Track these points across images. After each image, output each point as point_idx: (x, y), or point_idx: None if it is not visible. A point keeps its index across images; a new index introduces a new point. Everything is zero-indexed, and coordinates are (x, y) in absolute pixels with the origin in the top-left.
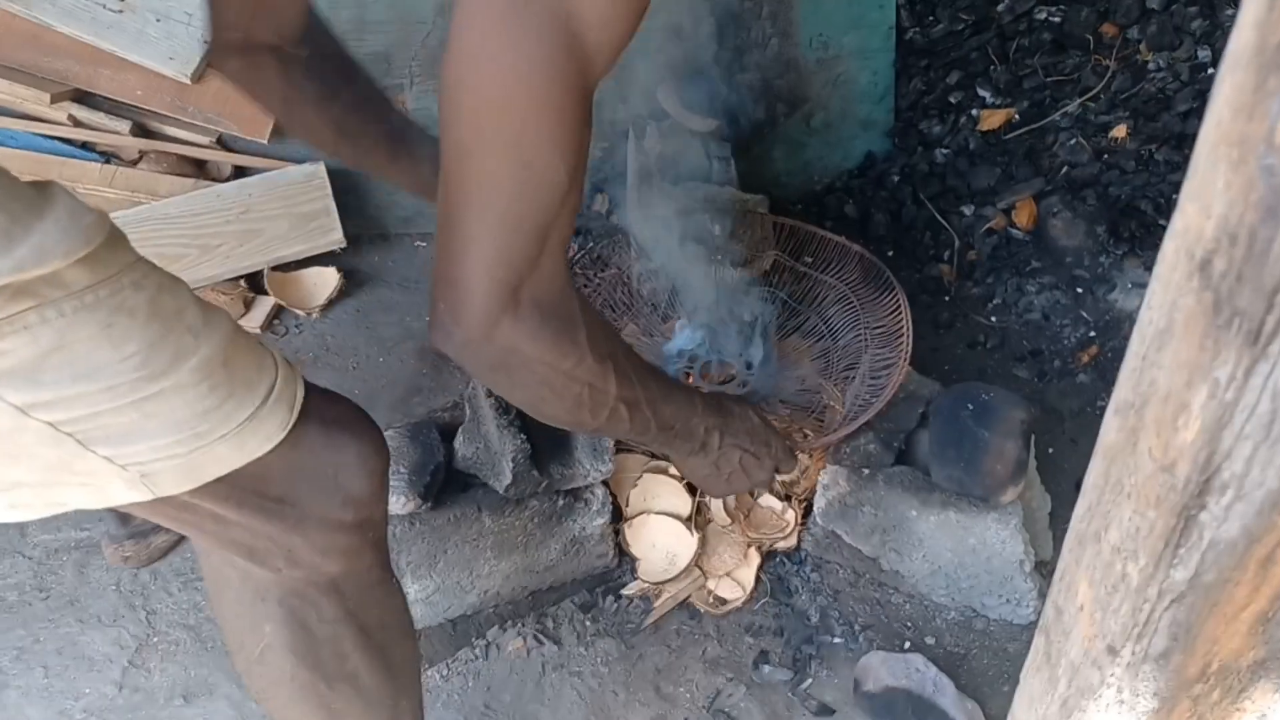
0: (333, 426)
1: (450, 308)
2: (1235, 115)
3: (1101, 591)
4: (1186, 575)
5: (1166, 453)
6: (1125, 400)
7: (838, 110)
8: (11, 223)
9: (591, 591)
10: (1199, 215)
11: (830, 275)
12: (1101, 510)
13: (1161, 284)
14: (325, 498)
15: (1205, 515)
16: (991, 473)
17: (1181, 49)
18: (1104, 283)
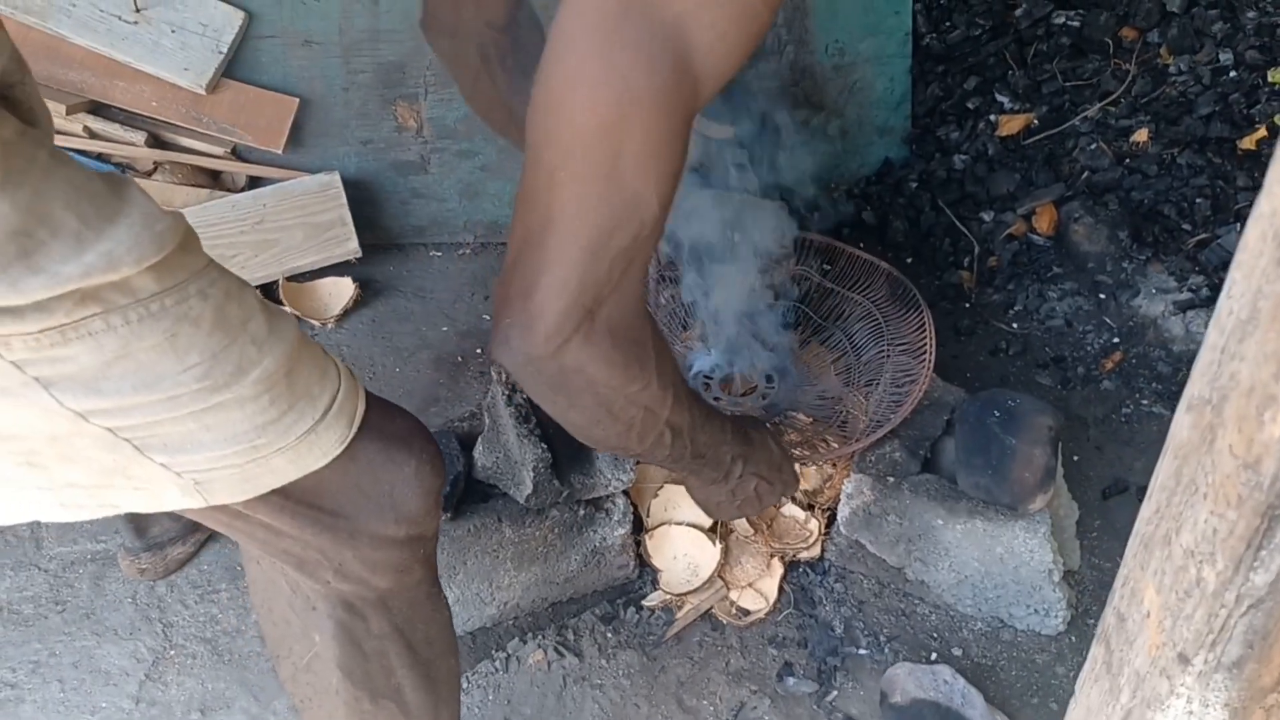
0: (391, 442)
1: (520, 324)
2: None
3: (1172, 597)
4: (1267, 579)
5: (1250, 449)
6: (1200, 396)
7: (855, 117)
8: (82, 225)
9: (613, 603)
10: None
11: (856, 291)
12: (1172, 512)
13: (1244, 272)
14: (379, 513)
15: None
16: (1019, 480)
17: (1203, 52)
18: (1127, 288)
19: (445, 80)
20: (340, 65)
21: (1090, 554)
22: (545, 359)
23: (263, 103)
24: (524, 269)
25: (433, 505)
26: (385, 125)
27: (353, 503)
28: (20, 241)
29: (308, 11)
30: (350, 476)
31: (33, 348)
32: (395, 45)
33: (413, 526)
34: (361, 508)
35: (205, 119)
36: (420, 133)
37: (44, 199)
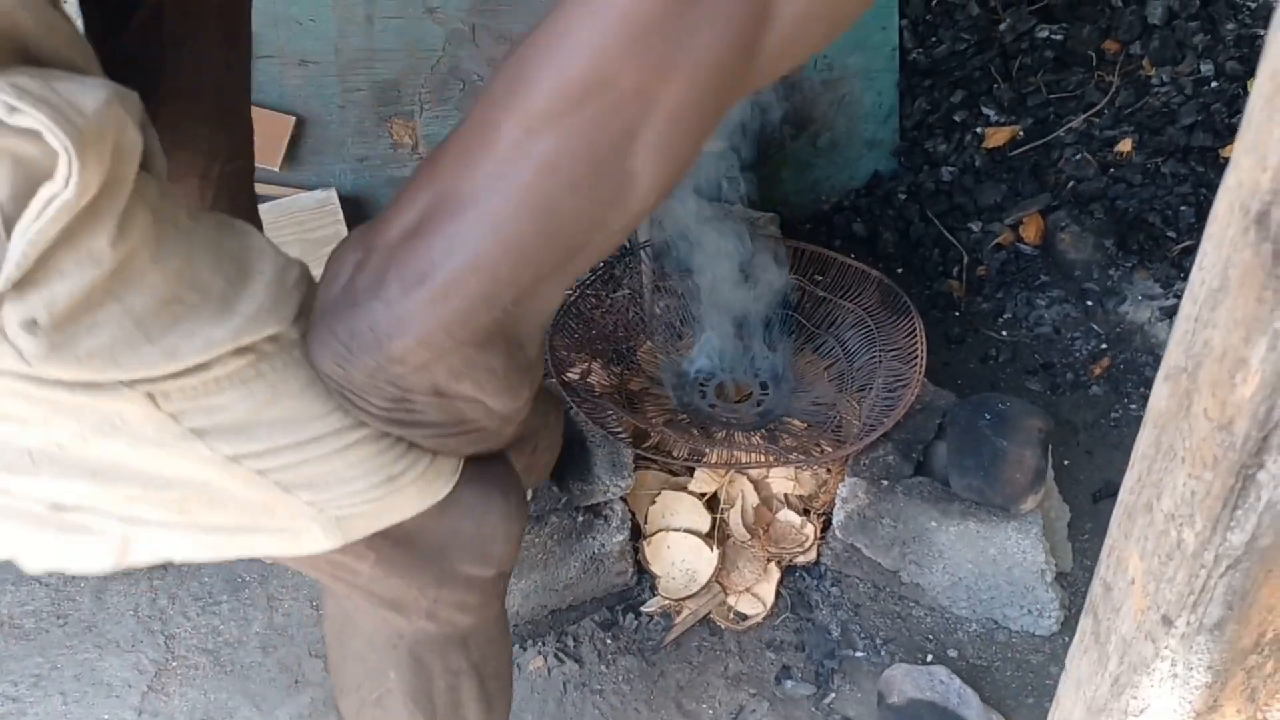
0: (487, 481)
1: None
2: None
3: (1155, 562)
4: (1243, 539)
5: (1224, 411)
6: (1176, 365)
7: (843, 130)
8: (227, 285)
9: (611, 609)
10: (1255, 169)
11: (848, 299)
12: (1153, 479)
13: (1214, 243)
14: (471, 554)
15: (1263, 475)
16: (1011, 481)
17: (1184, 63)
18: (1114, 295)
19: (440, 98)
20: (336, 84)
21: (1082, 556)
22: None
23: (260, 121)
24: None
25: (517, 546)
26: (381, 142)
27: (449, 543)
28: (173, 309)
29: (304, 32)
30: (450, 516)
31: (190, 396)
32: (390, 64)
33: (501, 565)
34: (456, 548)
35: None
36: (416, 149)
37: (193, 264)
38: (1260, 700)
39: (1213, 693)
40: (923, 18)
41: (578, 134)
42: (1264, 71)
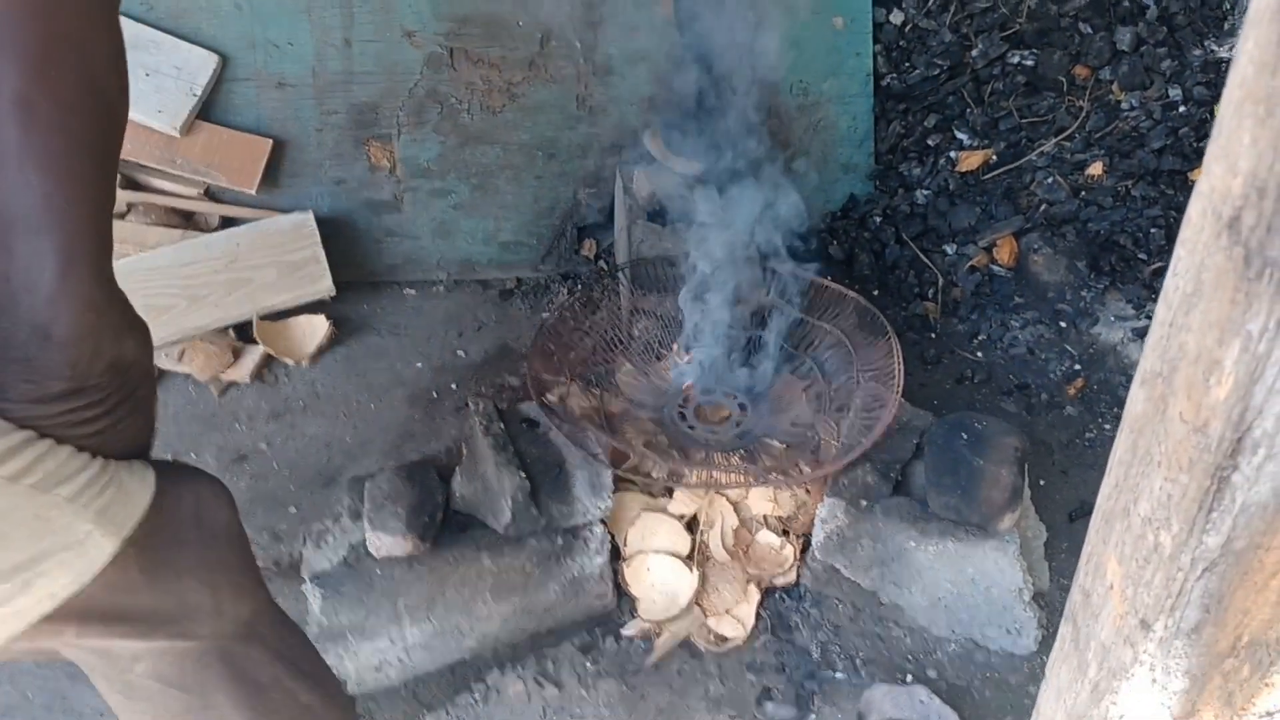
0: (175, 473)
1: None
2: (1260, 71)
3: (1133, 566)
4: (1219, 541)
5: (1199, 413)
6: (1152, 370)
7: (819, 154)
8: None
9: (591, 632)
10: (1226, 175)
11: (826, 320)
12: (1129, 484)
13: (1187, 249)
14: (206, 524)
15: (1237, 476)
16: (988, 499)
17: (1153, 88)
18: (1087, 316)
19: (418, 120)
20: (314, 107)
21: (1059, 575)
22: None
23: (236, 144)
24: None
25: (234, 509)
26: (358, 165)
27: (186, 523)
28: None
29: (281, 55)
30: (169, 499)
31: None
32: (368, 87)
33: (229, 529)
34: (192, 526)
35: (179, 160)
36: (393, 172)
37: None
38: (1237, 704)
39: (1190, 697)
40: (896, 44)
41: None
42: (1233, 80)
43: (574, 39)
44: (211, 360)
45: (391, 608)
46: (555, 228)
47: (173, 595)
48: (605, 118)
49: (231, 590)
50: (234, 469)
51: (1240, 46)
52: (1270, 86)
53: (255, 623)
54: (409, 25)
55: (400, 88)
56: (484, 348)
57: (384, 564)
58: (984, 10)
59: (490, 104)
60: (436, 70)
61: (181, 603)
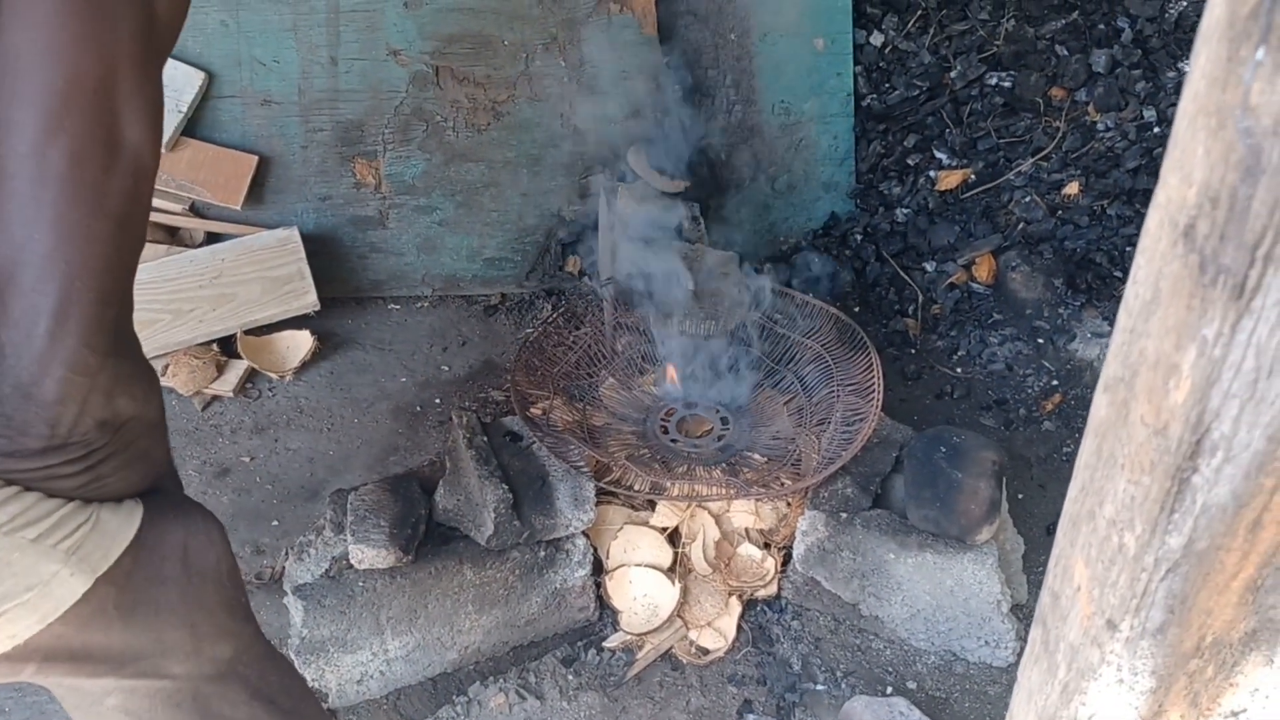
0: (161, 496)
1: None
2: (1211, 86)
3: (1099, 567)
4: (1181, 542)
5: (1159, 416)
6: (1114, 376)
7: (801, 173)
8: None
9: (573, 645)
10: (1181, 185)
11: (806, 336)
12: (1095, 487)
13: (1146, 257)
14: (194, 560)
15: (1197, 478)
16: (966, 512)
17: (1128, 110)
18: (1064, 333)
19: (404, 138)
20: (299, 124)
21: (1036, 588)
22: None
23: (221, 160)
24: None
25: (226, 548)
26: (344, 182)
27: (169, 559)
28: None
29: (267, 72)
30: (154, 534)
31: None
32: (354, 104)
33: (220, 565)
34: (177, 561)
35: (164, 176)
36: (378, 189)
37: None
38: (1202, 704)
39: (1157, 698)
40: (876, 65)
41: (75, 129)
42: (1186, 94)
43: (559, 57)
44: (195, 375)
45: (373, 620)
46: (539, 244)
47: (150, 633)
48: (589, 135)
49: (212, 630)
50: (216, 483)
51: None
52: (1220, 100)
53: (236, 661)
54: (395, 44)
55: (386, 105)
56: (468, 362)
57: (366, 576)
58: (962, 33)
59: (475, 122)
60: (422, 88)
61: (158, 640)
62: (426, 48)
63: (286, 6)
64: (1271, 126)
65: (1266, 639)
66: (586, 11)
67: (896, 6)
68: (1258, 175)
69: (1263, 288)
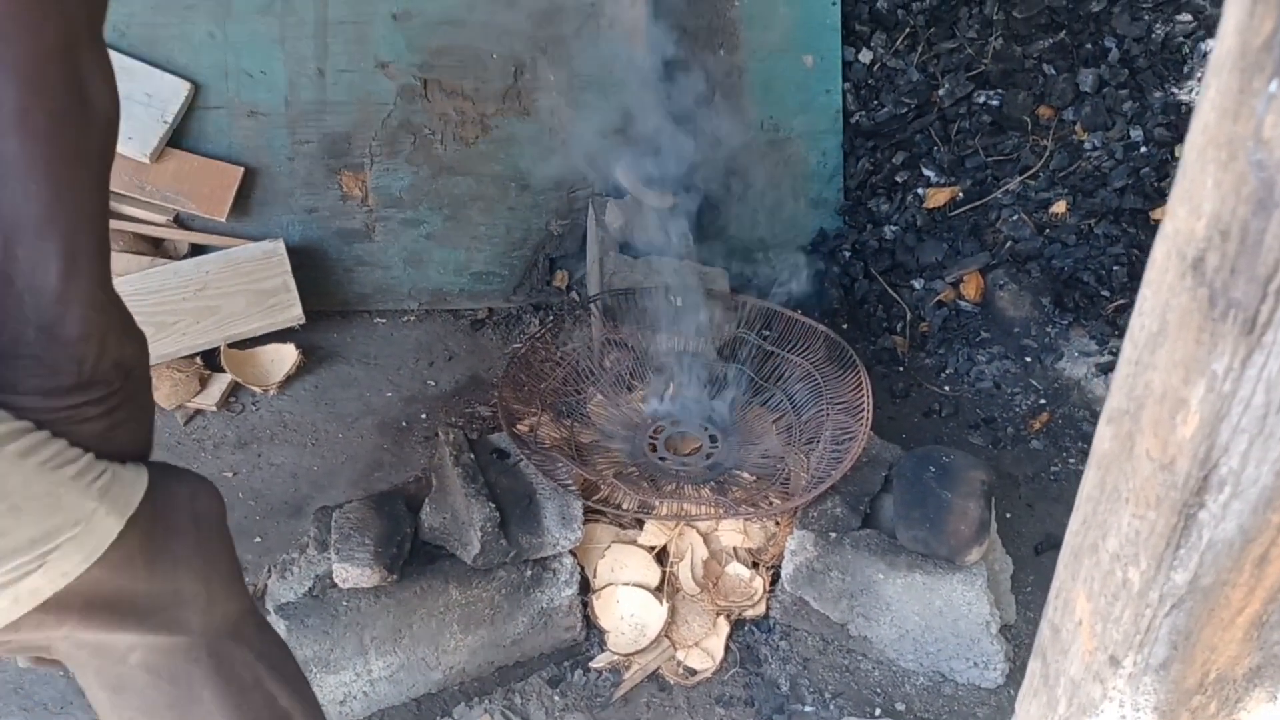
0: (168, 470)
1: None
2: (1222, 118)
3: (1101, 602)
4: (1186, 578)
5: (1165, 450)
6: (1118, 408)
7: (789, 189)
8: None
9: (559, 665)
10: (1189, 217)
11: (795, 353)
12: (1098, 520)
13: (1152, 289)
14: (200, 516)
15: (1204, 514)
16: (955, 532)
17: (1115, 129)
18: (1051, 352)
19: (391, 151)
20: (286, 135)
21: (1025, 609)
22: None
23: (207, 172)
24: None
25: (224, 507)
26: (330, 194)
27: (178, 514)
28: None
29: (254, 84)
30: (162, 491)
31: None
32: (341, 116)
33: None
34: (187, 518)
35: (148, 187)
36: (365, 201)
37: None
38: None
39: None
40: (865, 82)
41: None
42: (1195, 125)
43: (548, 71)
44: (178, 388)
45: (357, 640)
46: (527, 258)
47: (170, 583)
48: (578, 150)
49: (222, 585)
50: None
51: (1203, 93)
52: (1232, 132)
53: (241, 623)
54: (383, 56)
55: (374, 118)
56: (454, 377)
57: (350, 595)
58: (950, 51)
59: (463, 135)
60: (410, 101)
61: (177, 592)
62: (415, 60)
63: (274, 17)
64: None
65: (1271, 675)
66: (576, 26)
67: (885, 24)
68: (1270, 209)
69: (1274, 322)
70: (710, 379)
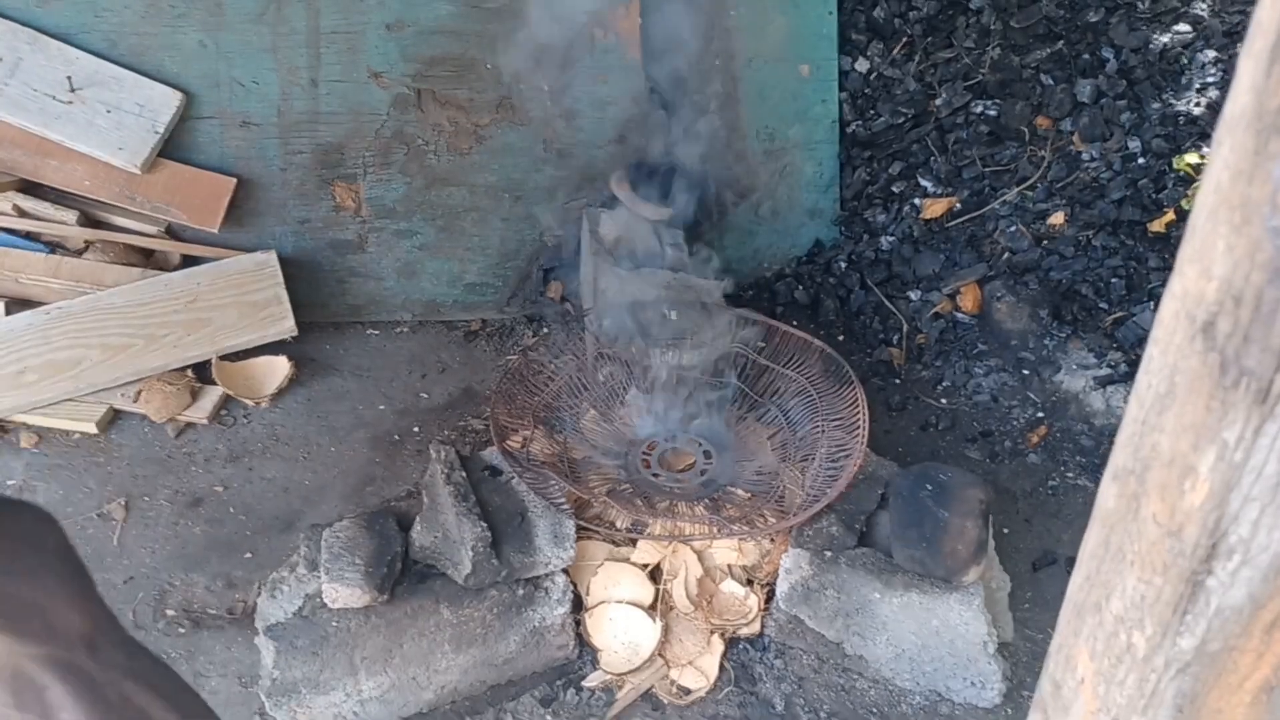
0: None
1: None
2: (1235, 179)
3: (1105, 663)
4: (1193, 644)
5: (1173, 517)
6: (1124, 466)
7: (785, 199)
8: None
9: (552, 684)
10: (1200, 278)
11: (791, 368)
12: (1101, 580)
13: (1160, 348)
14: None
15: (1212, 581)
16: (953, 553)
17: (1112, 140)
18: (1049, 364)
19: (384, 161)
20: (279, 146)
21: (1023, 626)
22: None
23: (199, 182)
24: None
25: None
26: (323, 205)
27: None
28: None
29: (246, 93)
30: None
31: None
32: (334, 127)
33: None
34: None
35: (139, 198)
36: (358, 212)
37: None
38: None
39: None
40: (862, 91)
41: None
42: (1207, 183)
43: (541, 82)
44: (169, 401)
45: (347, 660)
46: (521, 270)
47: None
48: (572, 160)
49: (65, 601)
50: (189, 513)
51: (1215, 150)
52: (1246, 194)
53: (96, 636)
54: (376, 66)
55: (367, 128)
56: (447, 390)
57: (340, 615)
58: (948, 60)
59: (457, 145)
60: (403, 111)
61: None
62: (408, 70)
63: (266, 27)
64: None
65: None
66: (570, 36)
67: (882, 33)
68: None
69: None
70: (704, 393)
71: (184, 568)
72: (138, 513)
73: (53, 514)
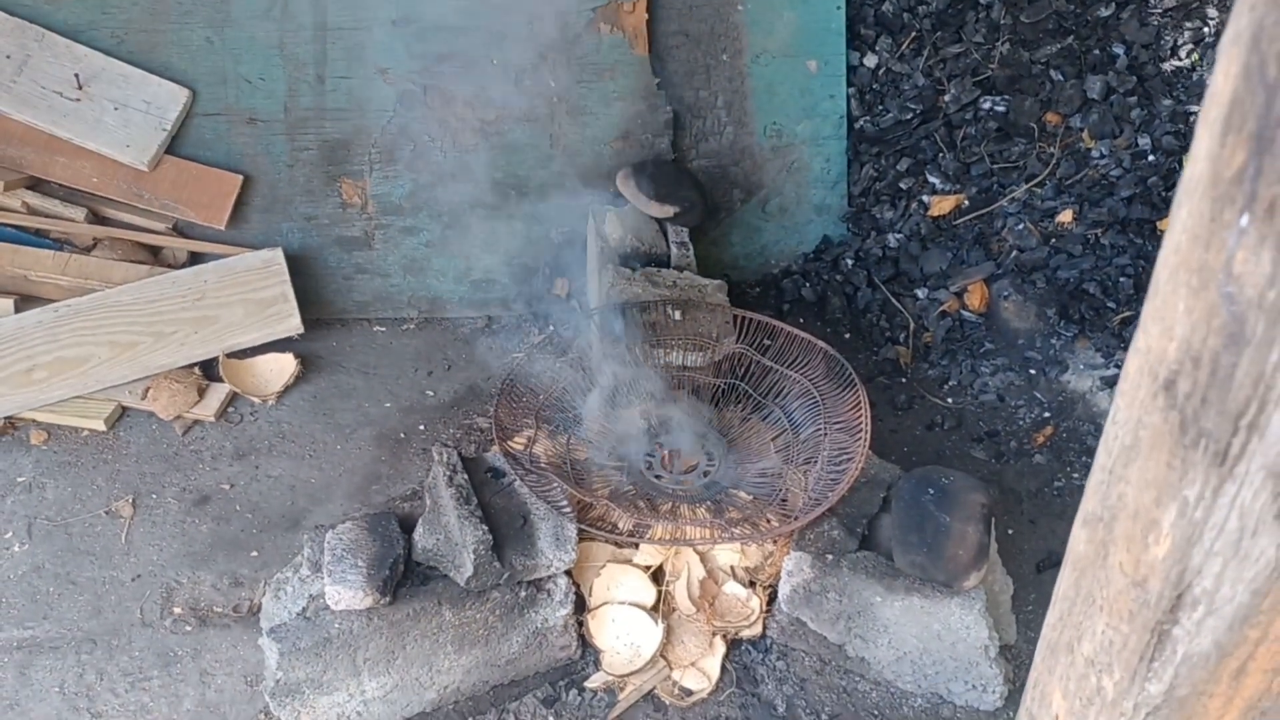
0: None
1: None
2: (1193, 243)
3: (1077, 704)
4: (1161, 689)
5: (1138, 569)
6: (1093, 513)
7: (792, 196)
8: None
9: (554, 685)
10: (1162, 337)
11: (794, 369)
12: (1073, 621)
13: (1126, 400)
14: None
15: (1178, 630)
16: (954, 558)
17: (1122, 137)
18: (1056, 364)
19: (391, 158)
20: (285, 142)
21: (1026, 628)
22: None
23: (206, 179)
24: None
25: None
26: (329, 202)
27: None
28: None
29: (253, 90)
30: None
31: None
32: (340, 123)
33: None
34: None
35: (146, 195)
36: (365, 209)
37: None
38: None
39: None
40: (870, 87)
41: None
42: (1168, 244)
43: (548, 78)
44: (176, 398)
45: (350, 661)
46: (527, 266)
47: None
48: (578, 157)
49: None
50: (196, 511)
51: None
52: (1203, 259)
53: None
54: (382, 62)
55: (373, 124)
56: (453, 388)
57: (343, 617)
58: (956, 56)
59: (463, 142)
60: (409, 107)
61: None
62: (414, 66)
63: (273, 23)
64: (1256, 298)
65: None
66: (577, 31)
67: (890, 28)
68: (1241, 345)
69: (1246, 454)
70: (708, 395)
71: (191, 565)
72: (145, 510)
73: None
